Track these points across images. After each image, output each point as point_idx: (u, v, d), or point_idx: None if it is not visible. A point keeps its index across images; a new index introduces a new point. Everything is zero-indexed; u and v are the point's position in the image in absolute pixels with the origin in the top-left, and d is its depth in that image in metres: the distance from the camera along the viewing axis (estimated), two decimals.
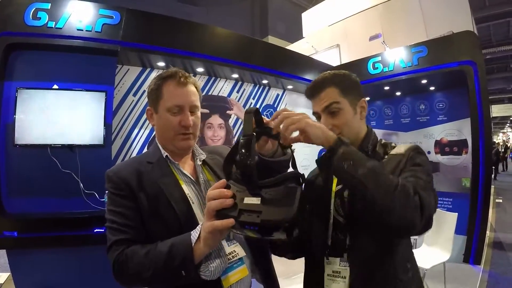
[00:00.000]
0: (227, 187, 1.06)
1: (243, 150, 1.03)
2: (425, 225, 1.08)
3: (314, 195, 1.45)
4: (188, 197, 1.31)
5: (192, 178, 1.40)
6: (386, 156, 1.35)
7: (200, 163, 1.46)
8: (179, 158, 1.43)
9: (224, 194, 1.02)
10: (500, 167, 20.61)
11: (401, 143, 1.39)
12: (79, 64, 3.87)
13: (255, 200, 1.00)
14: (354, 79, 1.44)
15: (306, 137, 1.15)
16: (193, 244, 1.09)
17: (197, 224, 1.19)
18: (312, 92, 1.41)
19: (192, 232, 1.13)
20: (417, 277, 1.38)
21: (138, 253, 1.16)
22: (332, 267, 1.32)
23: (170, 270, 1.11)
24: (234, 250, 1.29)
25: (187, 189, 1.34)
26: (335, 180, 1.41)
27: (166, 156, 1.39)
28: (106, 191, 1.33)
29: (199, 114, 1.43)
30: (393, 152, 1.35)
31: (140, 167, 1.34)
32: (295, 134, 1.16)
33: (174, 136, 1.37)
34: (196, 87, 1.43)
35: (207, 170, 1.48)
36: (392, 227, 1.08)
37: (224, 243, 1.28)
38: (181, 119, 1.34)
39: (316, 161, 1.48)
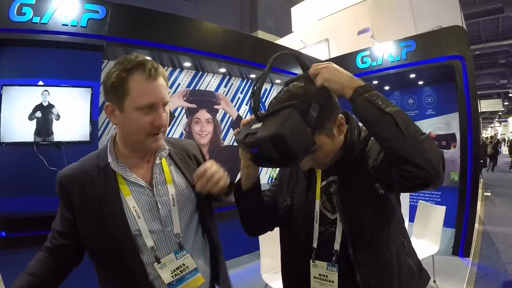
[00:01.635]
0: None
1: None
2: (443, 178, 1.03)
3: (294, 190, 1.43)
4: (134, 210, 1.22)
5: (143, 184, 1.28)
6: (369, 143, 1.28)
7: (159, 161, 1.34)
8: (134, 160, 1.30)
9: None
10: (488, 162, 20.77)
11: None
12: (64, 59, 3.83)
13: (258, 125, 1.14)
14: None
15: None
16: None
17: (135, 246, 1.19)
18: None
19: None
20: (412, 247, 1.38)
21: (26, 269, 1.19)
22: (319, 270, 1.29)
23: None
24: (183, 264, 1.25)
25: (132, 201, 1.23)
26: (318, 176, 1.37)
27: (109, 163, 1.26)
28: None
29: (167, 108, 1.26)
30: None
31: (87, 173, 1.24)
32: None
33: (145, 138, 1.21)
34: (164, 79, 1.25)
35: (169, 167, 1.37)
36: (420, 170, 0.97)
37: (171, 257, 1.24)
38: (154, 119, 1.18)
39: None
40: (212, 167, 1.29)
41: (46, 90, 3.64)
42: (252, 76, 6.02)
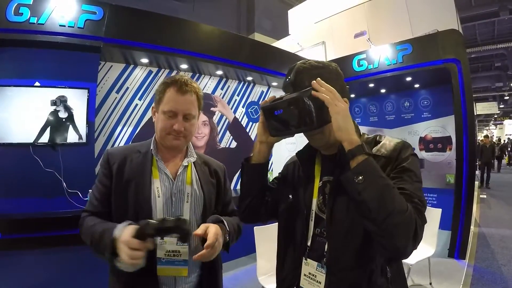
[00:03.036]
0: None
1: None
2: (413, 250, 1.07)
3: (295, 187, 1.43)
4: (157, 190, 1.49)
5: (170, 176, 1.56)
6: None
7: (186, 164, 1.62)
8: (167, 155, 1.60)
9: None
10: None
11: (386, 137, 1.31)
12: (61, 60, 3.80)
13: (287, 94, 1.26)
14: (326, 74, 1.26)
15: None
16: (114, 236, 1.26)
17: (151, 214, 1.45)
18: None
19: (119, 225, 1.30)
20: (401, 274, 1.30)
21: (87, 224, 1.44)
22: (309, 269, 1.29)
23: (98, 248, 1.35)
24: (178, 250, 1.45)
25: (158, 183, 1.51)
26: (317, 175, 1.37)
27: (151, 150, 1.57)
28: None
29: (194, 121, 1.58)
30: (377, 149, 1.25)
31: (130, 154, 1.56)
32: None
33: (165, 136, 1.51)
34: (197, 96, 1.58)
35: (193, 173, 1.63)
36: (385, 250, 1.08)
37: (173, 240, 1.44)
38: (173, 123, 1.49)
39: (297, 154, 1.44)
40: (218, 244, 1.42)
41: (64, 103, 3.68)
42: (249, 78, 6.02)
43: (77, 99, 3.78)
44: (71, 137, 3.75)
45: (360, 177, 1.03)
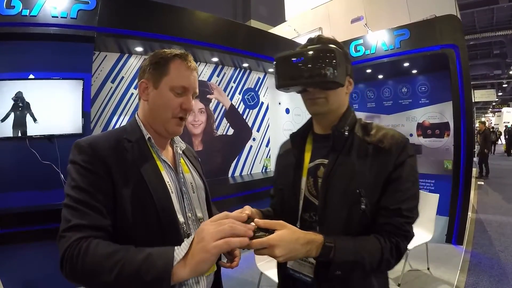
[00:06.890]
0: None
1: None
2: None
3: (284, 172, 1.41)
4: (168, 185, 1.20)
5: (171, 165, 1.30)
6: (367, 139, 1.23)
7: (181, 152, 1.39)
8: (159, 142, 1.30)
9: (248, 234, 0.94)
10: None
11: (382, 126, 1.30)
12: (55, 52, 3.77)
13: None
14: (343, 51, 1.28)
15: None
16: (174, 263, 0.90)
17: (176, 216, 1.18)
18: None
19: (176, 248, 0.93)
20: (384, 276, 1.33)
21: (102, 249, 0.95)
22: None
23: (138, 283, 0.90)
24: None
25: (167, 176, 1.23)
26: (307, 156, 1.34)
27: (149, 138, 1.25)
28: (71, 164, 1.10)
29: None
30: (375, 138, 1.23)
31: (119, 144, 1.17)
32: None
33: (171, 119, 1.25)
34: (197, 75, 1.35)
35: (184, 161, 1.42)
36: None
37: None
38: (183, 102, 1.25)
39: (291, 135, 1.42)
40: None
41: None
42: (245, 65, 6.00)
43: (72, 90, 3.75)
44: (65, 128, 3.72)
45: (338, 271, 1.10)
